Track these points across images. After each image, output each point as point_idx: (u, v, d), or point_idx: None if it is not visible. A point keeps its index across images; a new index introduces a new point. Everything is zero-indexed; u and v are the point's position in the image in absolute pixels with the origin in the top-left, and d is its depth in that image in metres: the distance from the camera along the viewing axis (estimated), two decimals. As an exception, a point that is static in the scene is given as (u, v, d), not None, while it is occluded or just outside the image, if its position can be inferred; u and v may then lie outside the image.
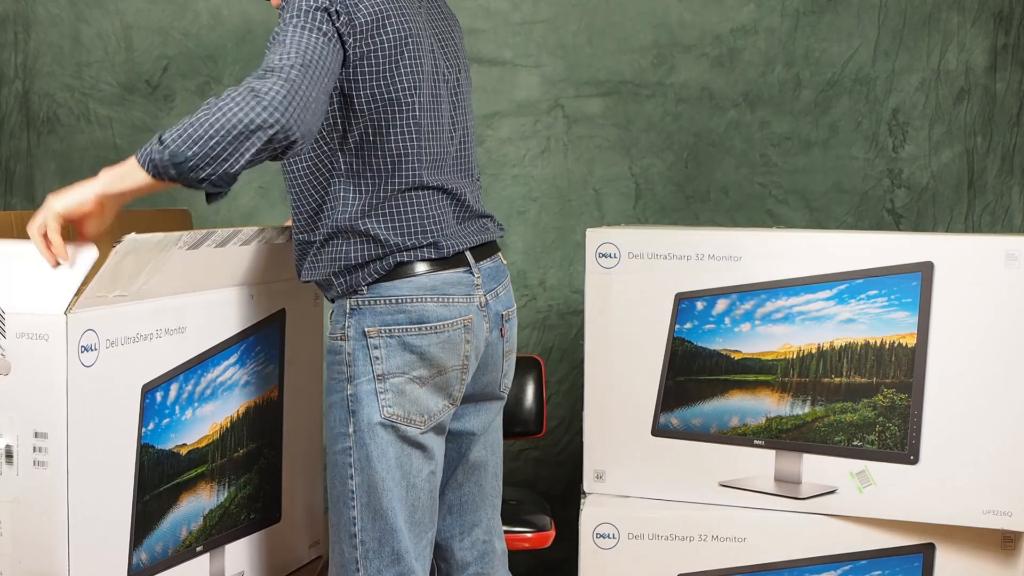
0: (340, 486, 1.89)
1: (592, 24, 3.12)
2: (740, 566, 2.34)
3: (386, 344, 1.85)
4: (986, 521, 2.24)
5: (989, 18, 3.08)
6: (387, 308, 1.85)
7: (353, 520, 1.88)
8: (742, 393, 2.37)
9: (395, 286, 1.85)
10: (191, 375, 1.89)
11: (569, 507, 2.97)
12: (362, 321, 1.85)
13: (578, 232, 3.09)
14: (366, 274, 1.85)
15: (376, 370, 1.85)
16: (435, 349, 1.86)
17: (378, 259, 1.86)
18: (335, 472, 1.89)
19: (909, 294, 2.27)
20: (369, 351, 1.85)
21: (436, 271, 1.88)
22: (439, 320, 1.86)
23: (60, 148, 3.18)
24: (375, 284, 1.86)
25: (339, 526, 1.90)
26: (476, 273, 1.92)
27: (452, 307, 1.88)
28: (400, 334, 1.85)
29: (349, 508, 1.88)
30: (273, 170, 3.17)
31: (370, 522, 1.87)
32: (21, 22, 3.16)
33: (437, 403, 1.90)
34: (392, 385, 1.85)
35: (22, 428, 1.62)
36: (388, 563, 1.88)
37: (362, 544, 1.88)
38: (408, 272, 1.86)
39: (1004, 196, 3.10)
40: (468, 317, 1.90)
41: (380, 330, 1.85)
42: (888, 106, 3.11)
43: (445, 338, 1.87)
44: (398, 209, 1.87)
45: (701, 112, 3.13)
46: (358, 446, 1.86)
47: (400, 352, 1.85)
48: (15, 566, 1.65)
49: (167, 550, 1.86)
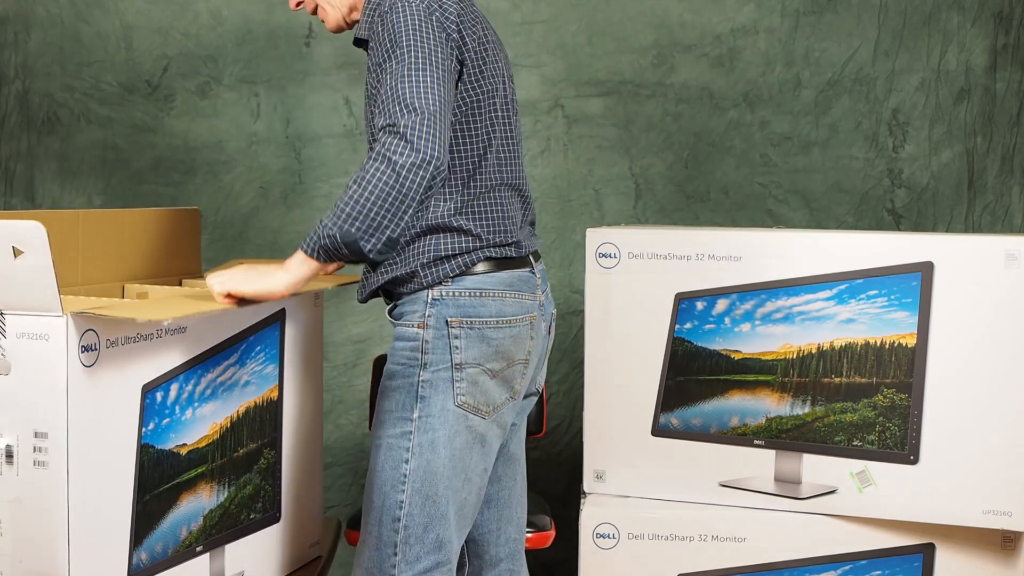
0: (391, 470, 1.91)
1: (592, 24, 3.12)
2: (740, 566, 2.34)
3: (467, 335, 1.90)
4: (986, 521, 2.24)
5: (989, 18, 3.08)
6: (469, 301, 1.91)
7: (400, 504, 1.90)
8: (742, 393, 2.37)
9: (480, 280, 1.92)
10: (191, 375, 1.89)
11: (569, 507, 2.97)
12: (444, 311, 1.90)
13: (578, 232, 3.09)
14: (454, 266, 1.91)
15: (455, 359, 1.90)
16: (508, 342, 1.94)
17: (468, 252, 1.92)
18: (387, 455, 1.91)
19: (909, 294, 2.27)
20: (449, 340, 1.90)
21: (513, 268, 1.96)
22: (513, 315, 1.94)
23: (60, 148, 3.18)
24: (460, 277, 1.92)
25: (381, 508, 1.91)
26: (537, 274, 2.01)
27: (523, 303, 1.96)
28: (480, 327, 1.91)
29: (398, 492, 1.90)
30: (274, 170, 3.17)
31: (419, 507, 1.90)
32: (21, 22, 3.16)
33: (502, 395, 1.96)
34: (468, 375, 1.91)
35: (22, 428, 1.62)
36: (429, 549, 1.91)
37: (405, 528, 1.90)
38: (492, 268, 1.94)
39: (1004, 196, 3.10)
40: (533, 314, 1.98)
41: (462, 321, 1.90)
42: (888, 106, 3.11)
43: (516, 332, 1.95)
44: (487, 206, 1.95)
45: (701, 112, 3.13)
46: (422, 431, 1.89)
47: (478, 343, 1.91)
48: (15, 566, 1.65)
49: (167, 550, 1.86)
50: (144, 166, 3.18)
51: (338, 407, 3.17)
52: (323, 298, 2.31)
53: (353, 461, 3.18)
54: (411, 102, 1.76)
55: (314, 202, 3.15)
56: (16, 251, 1.58)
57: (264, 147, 3.17)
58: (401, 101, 1.76)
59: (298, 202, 3.16)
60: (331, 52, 3.14)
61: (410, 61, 1.80)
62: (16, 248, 1.58)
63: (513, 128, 2.02)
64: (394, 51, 1.81)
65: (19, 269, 1.59)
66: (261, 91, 3.15)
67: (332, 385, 3.14)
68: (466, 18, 1.91)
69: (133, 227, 2.26)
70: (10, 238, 1.58)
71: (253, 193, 3.17)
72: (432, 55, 1.81)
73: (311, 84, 3.15)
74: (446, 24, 1.86)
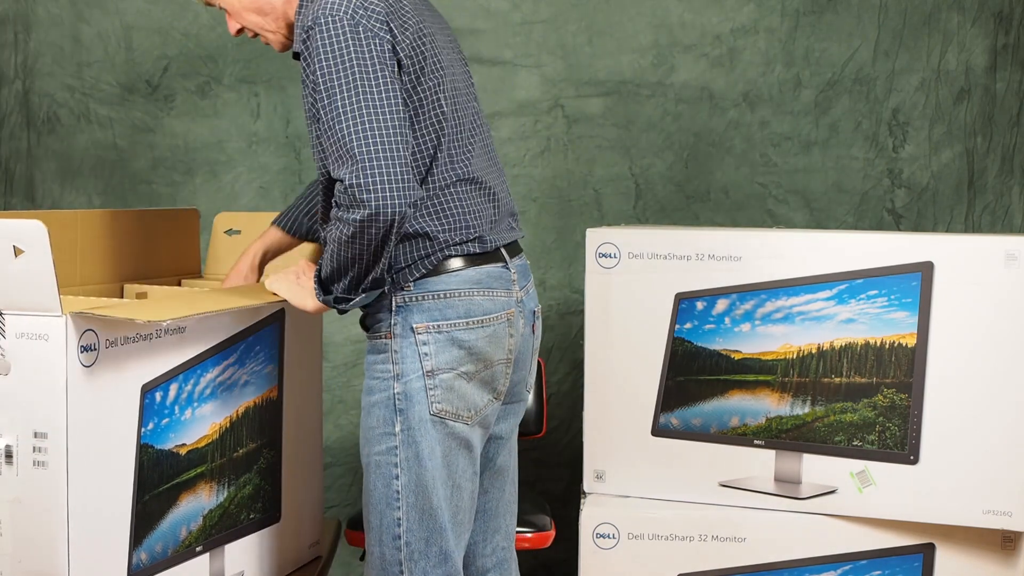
0: (383, 488, 1.87)
1: (592, 24, 3.12)
2: (740, 566, 2.34)
3: (435, 340, 1.85)
4: (986, 521, 2.24)
5: (989, 18, 3.08)
6: (435, 304, 1.85)
7: (398, 521, 1.86)
8: (742, 393, 2.37)
9: (442, 281, 1.86)
10: (191, 375, 1.88)
11: (569, 507, 2.97)
12: (409, 318, 1.85)
13: (578, 232, 3.09)
14: (413, 269, 1.86)
15: (425, 366, 1.84)
16: (482, 343, 1.87)
17: (428, 255, 1.86)
18: (377, 473, 1.88)
19: (909, 294, 2.27)
20: (418, 347, 1.84)
21: (480, 265, 1.89)
22: (485, 314, 1.88)
23: (60, 148, 3.18)
24: (422, 280, 1.86)
25: (380, 528, 1.88)
26: (512, 269, 1.94)
27: (496, 301, 1.89)
28: (448, 329, 1.85)
29: (393, 509, 1.86)
30: (274, 171, 3.17)
31: (417, 522, 1.86)
32: (21, 22, 3.16)
33: (483, 397, 1.90)
34: (441, 381, 1.85)
35: (22, 428, 1.62)
36: (435, 563, 1.87)
37: (407, 546, 1.87)
38: (454, 267, 1.87)
39: (1004, 196, 3.10)
40: (510, 311, 1.92)
41: (428, 326, 1.85)
42: (888, 106, 3.11)
43: (491, 332, 1.88)
44: (443, 204, 1.88)
45: (701, 112, 3.13)
46: (406, 444, 1.85)
47: (448, 347, 1.85)
48: (15, 566, 1.65)
49: (167, 550, 1.86)
50: (144, 166, 3.18)
51: (338, 407, 3.17)
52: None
53: (353, 461, 3.18)
54: (353, 149, 1.70)
55: (314, 202, 3.16)
56: (17, 250, 1.58)
57: (264, 147, 3.17)
58: (344, 148, 1.70)
59: (298, 202, 3.16)
60: (331, 52, 3.14)
61: (345, 96, 1.72)
62: (17, 247, 1.58)
63: (464, 119, 1.93)
64: (328, 83, 1.73)
65: (19, 269, 1.59)
66: (261, 91, 3.15)
67: (332, 385, 3.14)
68: (395, 14, 1.81)
69: (133, 227, 2.26)
70: (11, 237, 1.58)
71: (253, 193, 3.17)
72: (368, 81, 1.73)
73: (311, 84, 3.15)
74: (375, 29, 1.77)
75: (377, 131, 1.71)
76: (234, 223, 2.40)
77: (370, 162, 1.69)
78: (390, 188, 1.69)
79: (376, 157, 1.69)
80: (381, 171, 1.69)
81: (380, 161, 1.70)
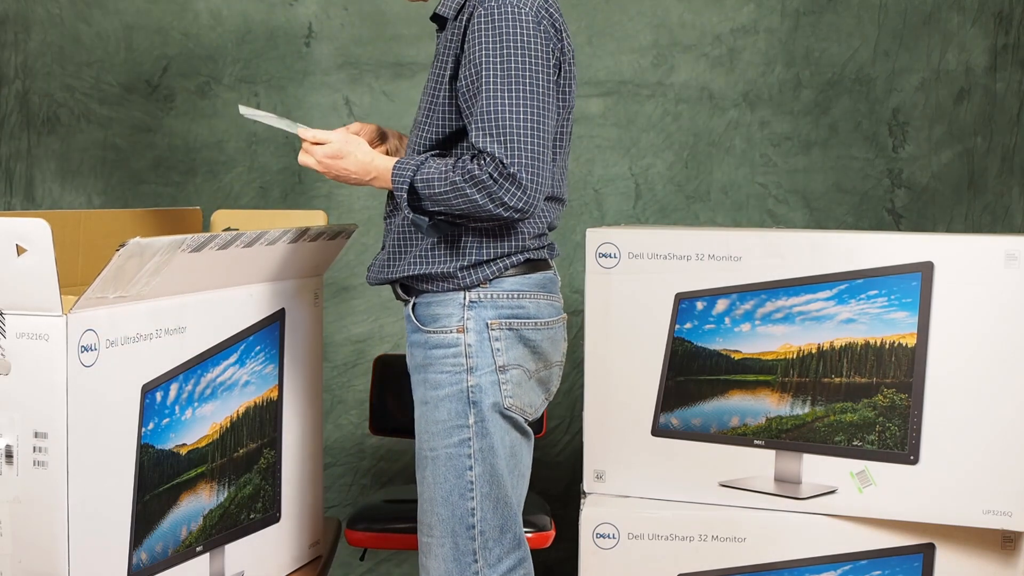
0: (455, 479, 1.92)
1: (592, 24, 3.12)
2: (740, 566, 2.34)
3: (506, 336, 1.92)
4: (986, 521, 2.24)
5: (989, 18, 3.08)
6: (508, 303, 1.93)
7: (472, 511, 1.92)
8: (742, 393, 2.37)
9: (517, 282, 1.94)
10: (191, 375, 1.89)
11: (569, 507, 2.97)
12: (483, 314, 1.91)
13: (578, 232, 3.09)
14: (495, 269, 1.92)
15: (498, 361, 1.91)
16: (546, 344, 1.96)
17: (508, 255, 1.92)
18: (448, 465, 1.92)
19: (909, 294, 2.27)
20: (491, 343, 1.91)
21: (546, 271, 1.98)
22: (549, 316, 1.97)
23: (60, 148, 3.17)
24: (498, 279, 1.92)
25: (452, 519, 1.92)
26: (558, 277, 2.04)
27: (555, 305, 2.00)
28: (519, 328, 1.93)
29: (467, 500, 1.91)
30: (274, 171, 3.17)
31: (491, 511, 1.92)
32: (21, 22, 3.16)
33: (539, 396, 2.00)
34: (511, 376, 1.92)
35: (22, 428, 1.62)
36: (509, 549, 1.94)
37: (481, 534, 1.92)
38: (527, 270, 1.95)
39: (1004, 196, 3.10)
40: (564, 316, 2.02)
41: (501, 323, 1.91)
42: (888, 106, 3.11)
43: (552, 334, 1.98)
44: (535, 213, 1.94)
45: (701, 112, 3.13)
46: (480, 436, 1.91)
47: (517, 345, 1.93)
48: (15, 566, 1.65)
49: (167, 550, 1.86)
50: (144, 166, 3.18)
51: (338, 407, 3.17)
52: (323, 298, 2.31)
53: (353, 461, 3.18)
54: (522, 141, 1.78)
55: (314, 202, 3.15)
56: (20, 249, 1.58)
57: (264, 147, 3.17)
58: (512, 136, 1.78)
59: (298, 202, 3.16)
60: (331, 52, 3.14)
61: (521, 85, 1.80)
62: (20, 246, 1.58)
63: (567, 142, 2.03)
64: (504, 65, 1.81)
65: (21, 268, 1.59)
66: (261, 91, 3.15)
67: (332, 385, 3.14)
68: (560, 32, 1.91)
69: (133, 227, 2.26)
70: (14, 236, 1.58)
71: (253, 193, 3.17)
72: (540, 78, 1.82)
73: (311, 84, 3.15)
74: (552, 35, 1.87)
75: (546, 132, 1.82)
76: (231, 221, 2.40)
77: (542, 159, 1.80)
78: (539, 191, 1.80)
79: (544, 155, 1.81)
80: (544, 171, 1.81)
81: (545, 160, 1.81)
